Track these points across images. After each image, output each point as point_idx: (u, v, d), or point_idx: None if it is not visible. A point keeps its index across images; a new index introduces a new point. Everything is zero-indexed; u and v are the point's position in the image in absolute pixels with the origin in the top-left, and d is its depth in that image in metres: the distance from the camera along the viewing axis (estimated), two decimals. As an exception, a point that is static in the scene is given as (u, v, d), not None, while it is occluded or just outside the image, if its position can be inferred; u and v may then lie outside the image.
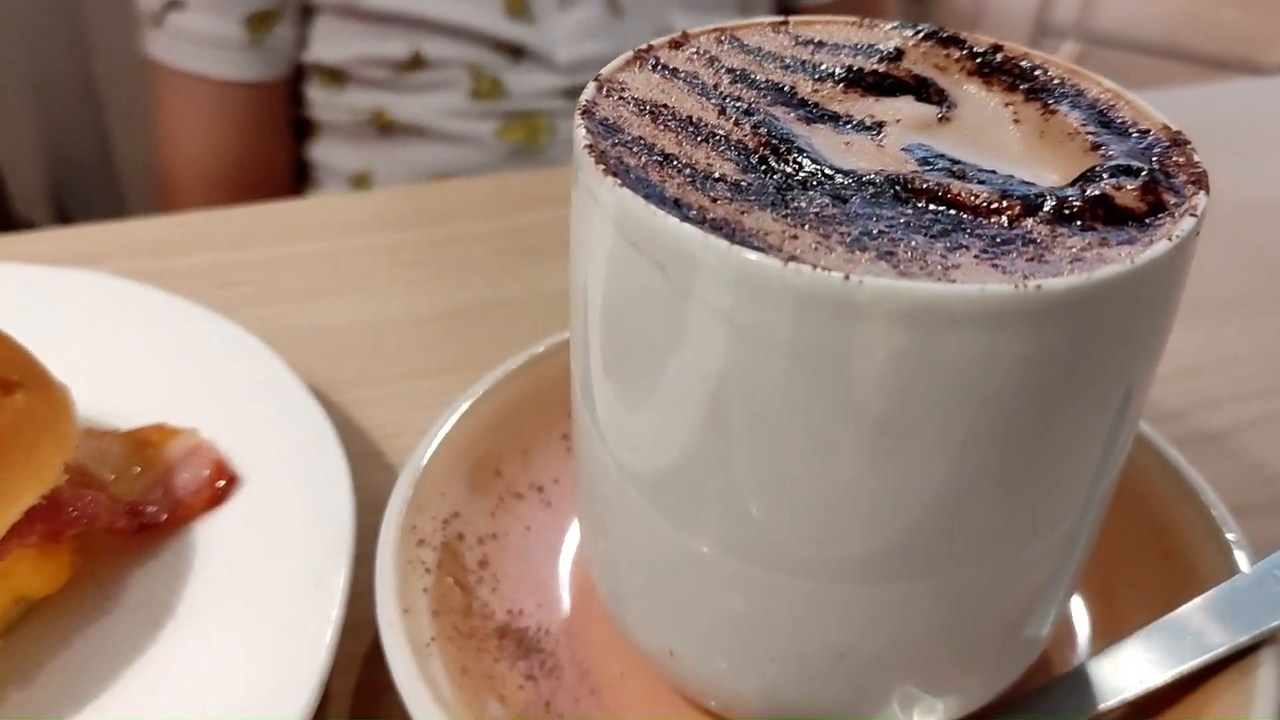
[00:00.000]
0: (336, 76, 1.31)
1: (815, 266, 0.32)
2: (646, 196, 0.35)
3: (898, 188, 0.37)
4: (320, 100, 1.34)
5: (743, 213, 0.35)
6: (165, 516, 0.52)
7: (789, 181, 0.37)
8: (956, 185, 0.37)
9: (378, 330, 0.69)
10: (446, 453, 0.53)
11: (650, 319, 0.36)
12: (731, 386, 0.35)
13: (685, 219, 0.34)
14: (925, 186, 0.37)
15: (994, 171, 0.38)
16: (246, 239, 0.77)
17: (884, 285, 0.31)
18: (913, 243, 0.34)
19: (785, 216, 0.35)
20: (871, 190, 0.37)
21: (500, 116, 1.29)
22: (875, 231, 0.35)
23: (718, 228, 0.34)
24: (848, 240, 0.34)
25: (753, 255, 0.32)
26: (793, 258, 0.32)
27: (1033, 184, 0.37)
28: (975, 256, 0.34)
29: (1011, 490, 0.37)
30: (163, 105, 1.35)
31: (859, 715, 0.43)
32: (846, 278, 0.31)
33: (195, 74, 1.29)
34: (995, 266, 0.33)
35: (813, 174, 0.37)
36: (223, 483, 0.54)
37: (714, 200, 0.36)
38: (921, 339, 0.32)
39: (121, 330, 0.61)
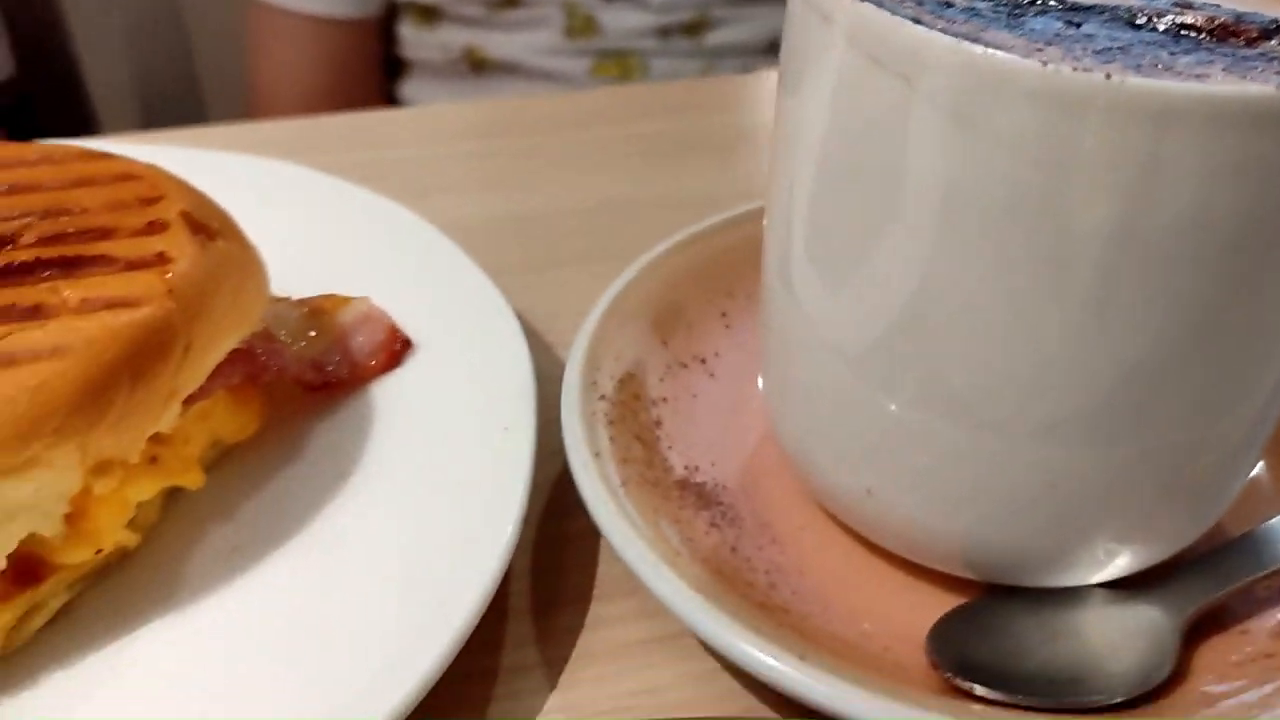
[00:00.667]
0: (429, 14, 1.32)
1: (1075, 68, 0.32)
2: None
3: (1128, 14, 0.37)
4: (411, 38, 1.35)
5: (981, 31, 0.36)
6: (346, 374, 0.53)
7: (1020, 8, 0.37)
8: (1189, 13, 0.37)
9: (523, 223, 0.70)
10: (617, 319, 0.54)
11: (886, 138, 0.37)
12: (967, 205, 0.36)
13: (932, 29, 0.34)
14: (1157, 12, 0.37)
15: (1218, 4, 0.39)
16: (387, 140, 0.79)
17: (1150, 85, 0.32)
18: (1157, 58, 0.34)
19: (1022, 36, 0.36)
20: (1104, 16, 0.37)
21: (593, 54, 1.29)
22: (1116, 48, 0.35)
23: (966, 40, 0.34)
24: (1092, 52, 0.35)
25: (1008, 58, 0.33)
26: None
27: (1264, 13, 0.38)
28: (1223, 70, 0.34)
29: (1236, 339, 0.37)
30: (254, 40, 1.37)
31: (1051, 558, 0.43)
32: (1108, 77, 0.32)
33: (289, 9, 1.31)
34: (1245, 78, 0.34)
35: (1043, 1, 0.38)
36: (398, 346, 0.55)
37: (950, 22, 0.36)
38: (1181, 143, 0.32)
39: (286, 210, 0.62)
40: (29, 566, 0.42)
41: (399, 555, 0.46)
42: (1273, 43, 0.36)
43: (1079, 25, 0.37)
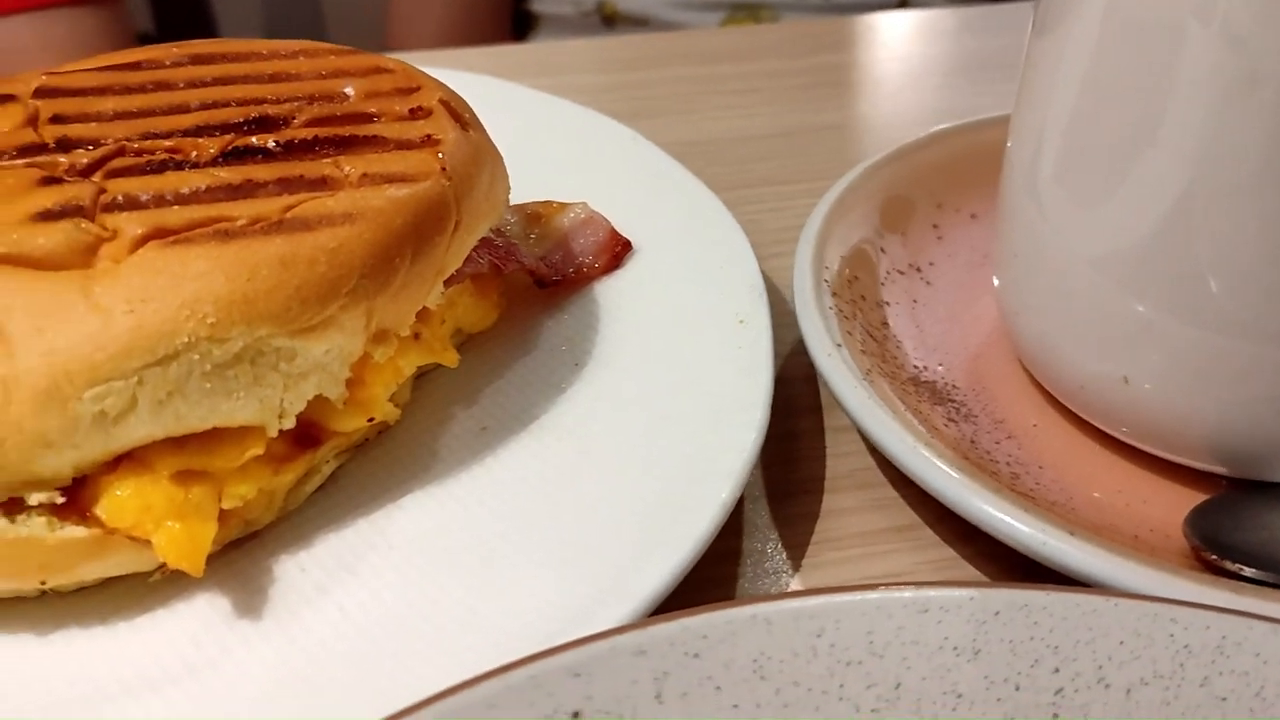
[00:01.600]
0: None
1: None
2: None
3: None
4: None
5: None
6: (571, 273, 0.55)
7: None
8: None
9: (710, 147, 0.71)
10: (838, 227, 0.55)
11: (1161, 40, 0.37)
12: (1244, 100, 0.36)
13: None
14: None
15: None
16: (559, 68, 0.80)
17: None
18: None
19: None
20: None
21: (725, 7, 1.30)
22: None
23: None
24: None
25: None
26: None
27: None
28: None
29: None
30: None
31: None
32: None
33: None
34: None
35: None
36: (619, 248, 0.56)
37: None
38: None
39: (492, 120, 0.64)
40: (308, 431, 0.44)
41: (646, 439, 0.47)
42: None
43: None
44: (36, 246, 0.39)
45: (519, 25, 1.43)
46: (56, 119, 0.46)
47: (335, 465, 0.46)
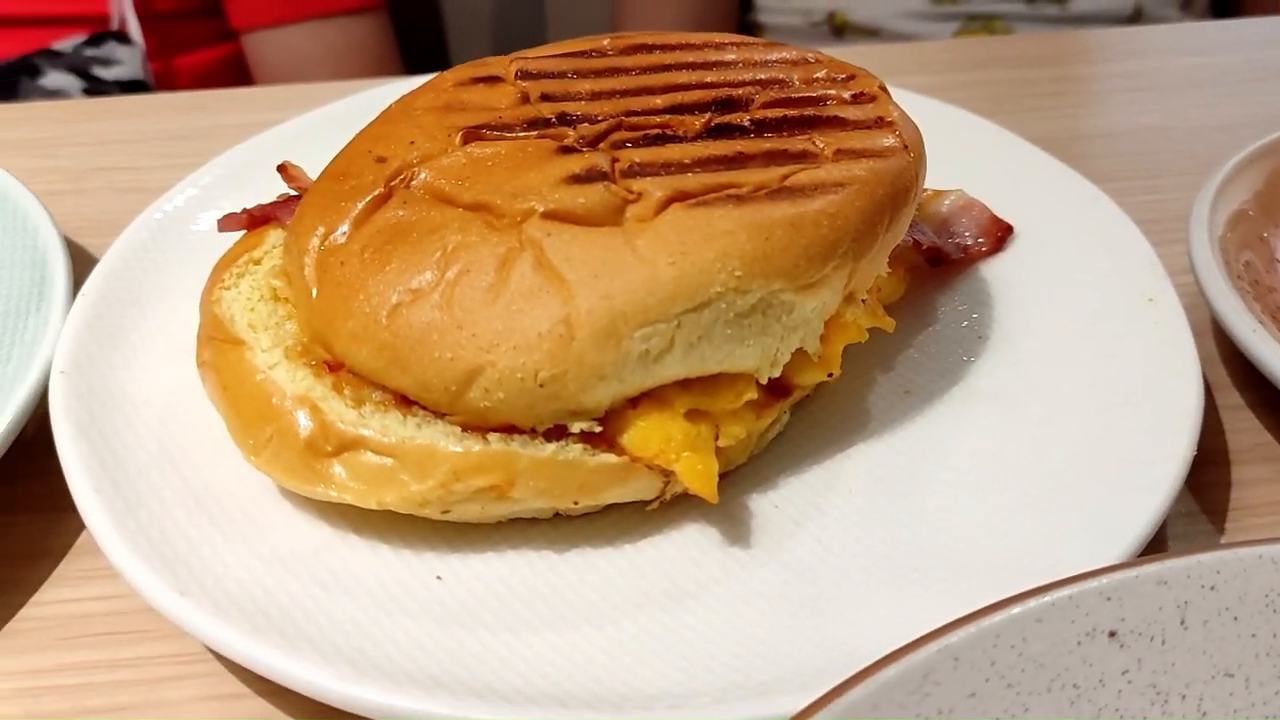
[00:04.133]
0: (793, -28, 1.38)
1: None
2: None
3: None
4: (770, 4, 1.41)
5: None
6: (960, 254, 0.58)
7: None
8: None
9: (1052, 145, 0.73)
10: (1220, 214, 0.57)
11: None
12: None
13: None
14: None
15: None
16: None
17: None
18: None
19: None
20: None
21: (959, 19, 1.32)
22: None
23: None
24: None
25: None
26: None
27: None
28: None
29: None
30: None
31: None
32: None
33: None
34: None
35: None
36: (1000, 231, 0.59)
37: None
38: None
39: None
40: (778, 382, 0.48)
41: (1078, 404, 0.50)
42: None
43: None
44: (577, 205, 0.44)
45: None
46: (546, 97, 0.51)
47: (787, 418, 0.50)
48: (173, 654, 0.45)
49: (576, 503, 0.45)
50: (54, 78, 1.16)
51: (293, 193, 0.54)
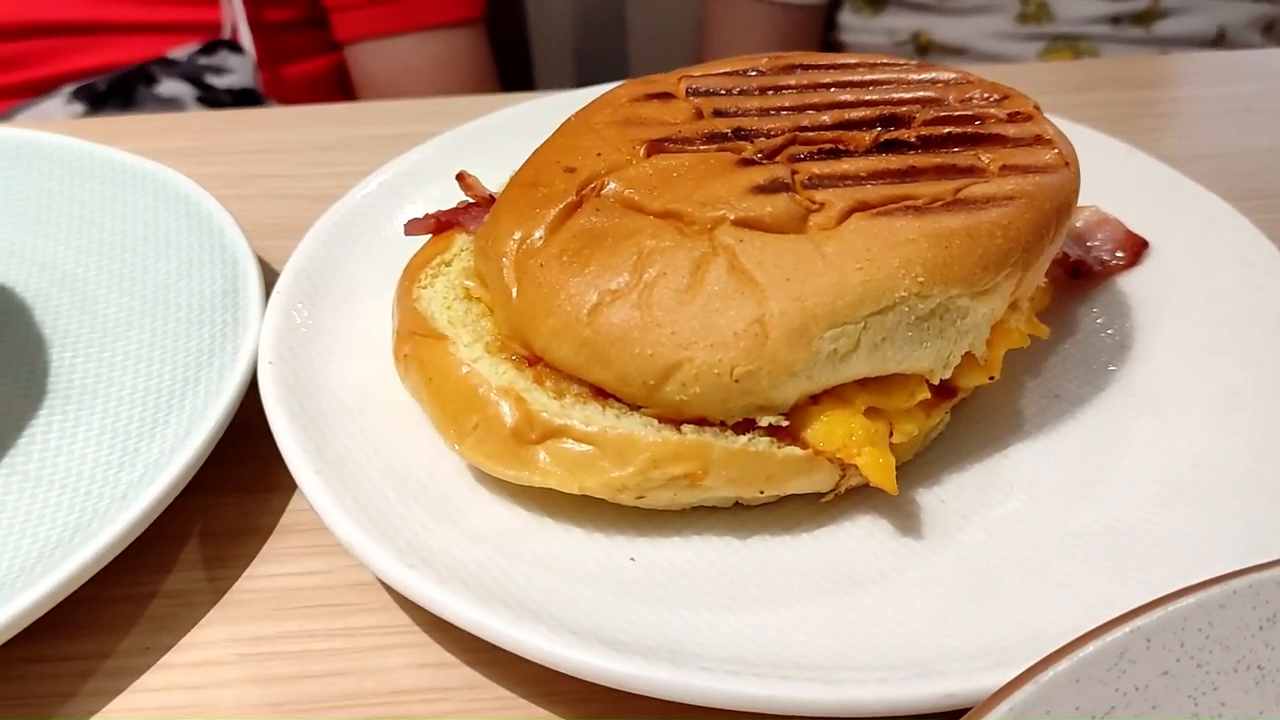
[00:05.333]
0: (877, 1, 1.41)
1: None
2: None
3: None
4: (854, 24, 1.44)
5: None
6: (1097, 267, 0.61)
7: None
8: None
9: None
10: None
11: None
12: None
13: None
14: None
15: None
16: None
17: None
18: None
19: None
20: None
21: (1044, 39, 1.35)
22: None
23: None
24: None
25: None
26: None
27: None
28: None
29: None
30: (709, 17, 1.48)
31: None
32: None
33: (750, -9, 1.42)
34: None
35: None
36: (1137, 245, 0.62)
37: None
38: None
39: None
40: (945, 385, 0.51)
41: (1233, 409, 0.52)
42: None
43: None
44: (765, 213, 0.48)
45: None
46: (718, 113, 0.54)
47: (948, 419, 0.53)
48: (381, 625, 0.48)
49: (762, 491, 0.47)
50: (169, 85, 1.21)
51: (469, 200, 0.58)
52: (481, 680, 0.46)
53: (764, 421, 0.47)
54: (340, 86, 1.36)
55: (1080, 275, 0.61)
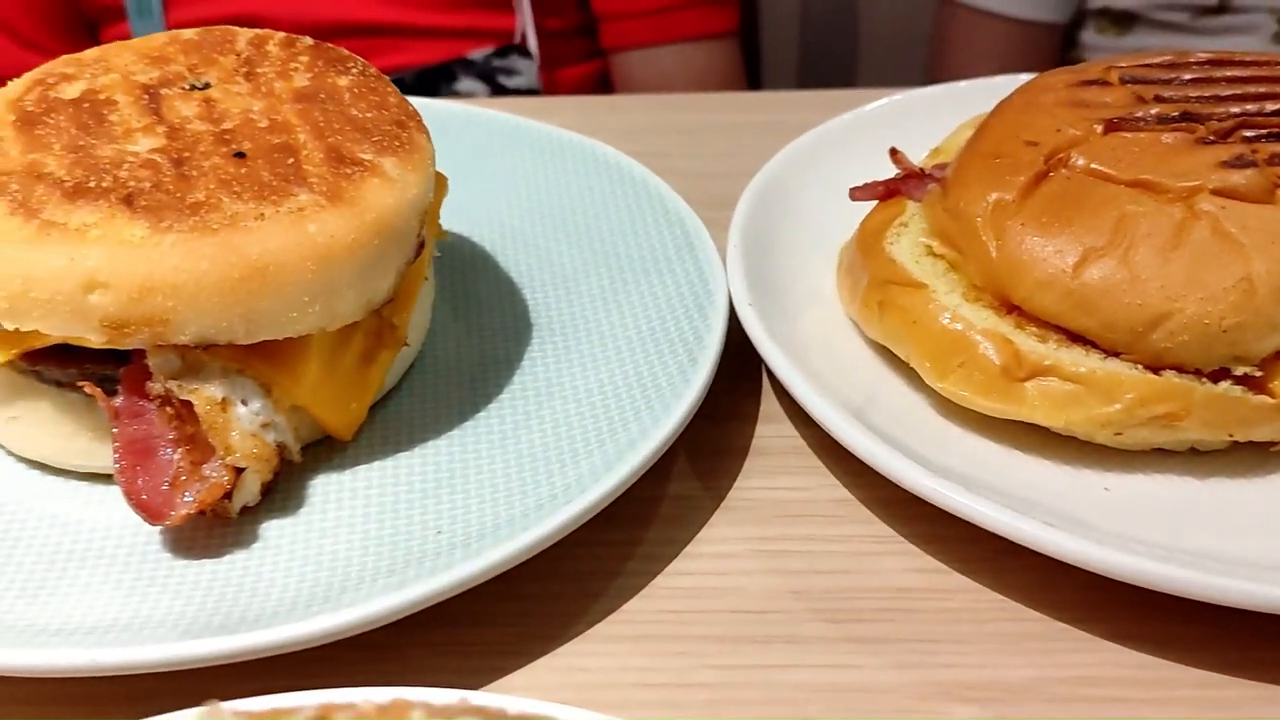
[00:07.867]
0: (1124, 20, 1.44)
1: None
2: None
3: None
4: (1094, 44, 1.47)
5: None
6: None
7: None
8: None
9: None
10: None
11: None
12: None
13: None
14: None
15: None
16: None
17: None
18: None
19: None
20: None
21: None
22: None
23: None
24: None
25: None
26: None
27: None
28: None
29: None
30: (945, 32, 1.52)
31: None
32: None
33: (988, 9, 1.46)
34: None
35: None
36: None
37: None
38: None
39: None
40: None
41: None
42: None
43: None
44: (1239, 185, 0.53)
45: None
46: (1159, 99, 0.60)
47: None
48: (870, 535, 0.54)
49: (1230, 435, 0.52)
50: (465, 83, 1.32)
51: (900, 172, 0.64)
52: (975, 586, 0.52)
53: (1239, 371, 0.52)
54: (602, 91, 1.45)
55: None
